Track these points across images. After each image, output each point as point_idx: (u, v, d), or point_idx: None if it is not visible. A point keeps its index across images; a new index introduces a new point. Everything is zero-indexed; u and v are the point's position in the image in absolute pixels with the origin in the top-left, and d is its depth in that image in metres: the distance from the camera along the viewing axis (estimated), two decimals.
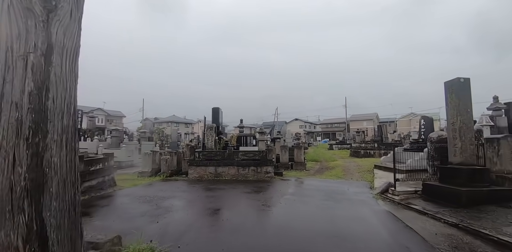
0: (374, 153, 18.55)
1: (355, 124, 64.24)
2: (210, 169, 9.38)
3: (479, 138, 7.23)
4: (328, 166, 13.88)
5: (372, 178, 9.00)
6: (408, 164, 9.52)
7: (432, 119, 10.50)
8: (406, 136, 30.03)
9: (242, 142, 11.12)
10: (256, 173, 9.15)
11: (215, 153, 9.41)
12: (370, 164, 14.08)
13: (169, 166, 9.99)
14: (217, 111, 11.10)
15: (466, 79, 5.72)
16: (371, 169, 11.50)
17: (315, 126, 78.91)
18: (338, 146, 31.22)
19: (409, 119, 67.81)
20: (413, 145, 10.75)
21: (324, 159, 17.93)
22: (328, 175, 10.35)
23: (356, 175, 10.34)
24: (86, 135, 15.40)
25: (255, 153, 9.20)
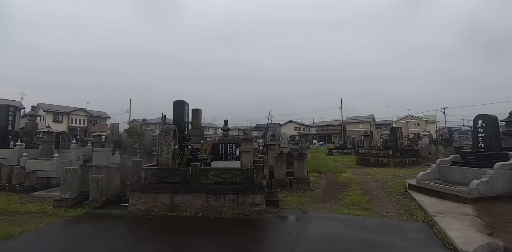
0: (388, 162, 15.25)
1: (351, 127, 61.46)
2: (162, 198, 5.82)
3: None
4: (338, 182, 10.43)
5: (423, 213, 5.58)
6: (475, 188, 6.14)
7: (496, 119, 7.17)
8: (413, 140, 27.00)
9: (221, 152, 7.59)
10: (236, 205, 5.63)
11: (171, 172, 5.86)
12: (391, 178, 10.73)
13: (101, 190, 6.39)
14: (181, 106, 7.52)
15: None
16: (403, 189, 8.11)
17: (310, 128, 75.89)
18: (338, 151, 27.96)
19: (407, 121, 65.52)
20: (467, 157, 7.39)
21: (328, 169, 14.52)
22: (347, 202, 6.88)
23: (388, 202, 6.90)
24: (19, 139, 11.63)
25: (236, 173, 5.68)
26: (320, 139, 64.65)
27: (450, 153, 14.49)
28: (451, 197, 6.34)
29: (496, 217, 5.02)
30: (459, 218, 5.06)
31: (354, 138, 33.76)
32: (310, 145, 46.46)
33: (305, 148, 28.44)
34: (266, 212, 5.71)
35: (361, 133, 31.08)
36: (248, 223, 5.14)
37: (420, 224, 4.99)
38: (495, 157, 6.75)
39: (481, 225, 4.64)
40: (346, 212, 5.84)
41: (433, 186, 7.19)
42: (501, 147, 7.36)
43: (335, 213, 5.79)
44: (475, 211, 5.45)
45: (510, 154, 6.88)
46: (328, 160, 20.31)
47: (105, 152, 11.71)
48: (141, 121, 69.67)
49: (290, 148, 20.42)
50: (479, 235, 4.12)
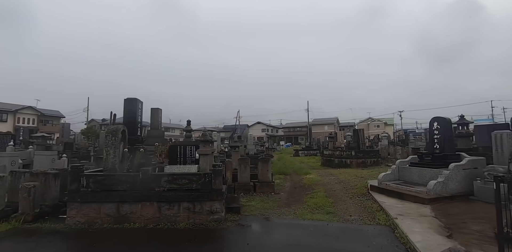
0: (351, 162, 15.60)
1: (317, 129, 63.22)
2: (107, 208, 5.11)
3: None
4: (303, 184, 10.30)
5: (385, 215, 5.53)
6: (432, 188, 6.27)
7: (450, 122, 7.48)
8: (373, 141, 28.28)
9: (179, 155, 6.99)
10: (192, 214, 5.10)
11: (118, 178, 5.17)
12: (354, 179, 10.86)
13: (34, 201, 5.47)
14: (133, 104, 6.80)
15: None
16: (365, 190, 8.15)
17: (278, 129, 76.74)
18: (304, 152, 28.28)
19: (368, 124, 69.04)
20: (424, 158, 7.62)
21: (293, 170, 14.44)
22: (311, 205, 6.68)
23: (351, 204, 6.83)
24: None
25: (192, 178, 5.15)
26: (288, 140, 65.61)
27: (407, 154, 15.23)
28: (410, 197, 6.42)
29: (452, 218, 5.09)
30: (419, 219, 5.05)
31: (320, 139, 34.59)
32: (277, 146, 46.81)
33: (271, 149, 28.44)
34: (226, 220, 5.26)
35: (326, 135, 31.92)
36: (204, 234, 4.65)
37: (382, 227, 4.89)
38: (449, 158, 7.01)
39: (440, 226, 4.64)
40: (310, 217, 5.60)
41: (393, 187, 7.28)
42: (454, 148, 7.71)
43: (298, 219, 5.52)
44: (433, 212, 5.51)
45: (462, 155, 7.19)
46: (294, 161, 20.39)
47: (49, 156, 10.39)
48: (101, 121, 65.10)
49: (257, 150, 20.18)
50: (439, 238, 4.08)
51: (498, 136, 6.38)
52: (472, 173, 6.53)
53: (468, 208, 5.62)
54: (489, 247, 3.66)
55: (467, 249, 3.54)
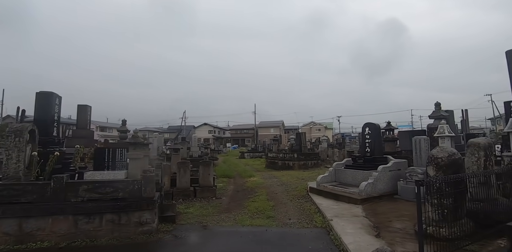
0: (293, 165, 16.12)
1: (263, 131, 64.60)
2: (6, 225, 4.17)
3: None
4: (246, 187, 10.19)
5: (322, 217, 5.67)
6: (364, 189, 6.68)
7: (379, 127, 8.15)
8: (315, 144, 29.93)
9: (107, 159, 6.18)
10: (117, 227, 4.48)
11: (22, 188, 4.26)
12: (295, 181, 11.16)
13: None
14: (48, 100, 5.77)
15: None
16: (305, 192, 8.38)
17: (225, 131, 76.22)
18: (250, 154, 28.45)
19: (310, 127, 73.22)
20: (357, 161, 8.14)
21: (238, 173, 14.28)
22: (252, 210, 6.54)
23: (291, 207, 6.90)
24: None
25: (118, 186, 4.53)
26: (234, 142, 65.59)
27: (343, 156, 16.36)
28: (345, 198, 6.76)
29: (380, 217, 5.45)
30: (352, 220, 5.28)
31: (266, 141, 35.27)
32: (224, 148, 46.35)
33: (217, 152, 27.91)
34: (158, 232, 4.76)
35: (272, 137, 32.66)
36: (130, 249, 4.11)
37: (318, 230, 4.97)
38: (378, 161, 7.61)
39: (369, 226, 4.90)
40: (249, 222, 5.43)
41: (330, 188, 7.60)
42: (382, 151, 8.42)
43: (237, 225, 5.31)
44: (364, 212, 5.85)
45: (389, 158, 7.88)
46: (239, 164, 20.29)
47: None
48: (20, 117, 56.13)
49: (201, 152, 19.54)
50: (369, 238, 4.27)
51: (417, 141, 7.15)
52: (397, 174, 7.18)
53: (393, 207, 6.12)
54: (410, 244, 3.94)
55: (392, 248, 3.76)
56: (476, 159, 4.28)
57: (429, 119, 10.11)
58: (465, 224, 3.91)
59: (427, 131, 9.31)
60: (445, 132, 7.22)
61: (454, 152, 3.85)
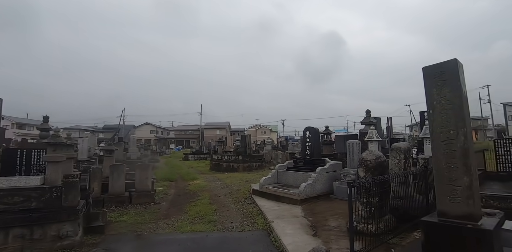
0: (238, 167, 16.13)
1: (209, 132, 63.64)
2: None
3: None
4: (189, 190, 9.80)
5: (263, 219, 5.73)
6: (303, 190, 6.98)
7: (318, 131, 8.67)
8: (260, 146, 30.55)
9: (19, 162, 5.25)
10: (29, 243, 3.80)
11: None
12: (239, 183, 11.15)
13: None
14: None
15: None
16: (248, 194, 8.41)
17: (169, 131, 72.79)
18: (194, 156, 27.62)
19: (256, 129, 74.66)
20: (298, 163, 8.50)
21: (180, 176, 13.69)
22: (193, 215, 6.28)
23: (234, 210, 6.83)
24: None
25: (31, 194, 3.86)
26: (179, 143, 63.09)
27: (286, 158, 17.01)
28: (286, 199, 6.97)
29: (317, 216, 5.74)
30: (292, 220, 5.45)
31: (211, 143, 34.70)
32: (167, 149, 44.16)
33: (159, 153, 26.41)
34: (82, 245, 4.20)
35: (217, 139, 32.28)
36: None
37: (260, 232, 4.99)
38: (317, 162, 8.06)
39: (308, 226, 5.12)
40: (189, 228, 5.18)
41: (272, 190, 7.77)
42: (321, 154, 8.96)
43: (176, 232, 5.02)
44: (303, 212, 6.10)
45: (326, 160, 8.42)
46: (183, 166, 19.51)
47: None
48: None
49: (140, 153, 18.23)
50: (307, 238, 4.44)
51: (351, 144, 7.79)
52: (333, 175, 7.69)
53: (329, 206, 6.52)
54: (343, 241, 4.21)
55: (327, 247, 3.97)
56: (398, 161, 4.83)
57: (361, 125, 11.17)
58: (388, 220, 4.34)
59: (359, 135, 10.25)
60: (373, 136, 8.03)
61: (381, 155, 4.27)
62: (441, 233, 2.86)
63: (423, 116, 8.95)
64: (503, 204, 4.84)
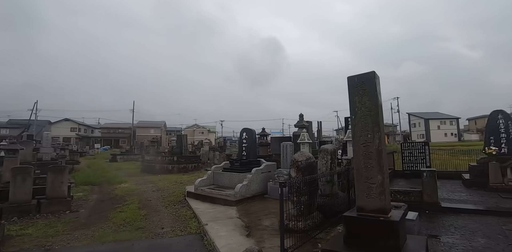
0: (173, 168, 15.40)
1: (142, 132, 59.43)
2: None
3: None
4: (115, 195, 8.92)
5: (197, 222, 5.56)
6: (239, 191, 7.02)
7: (255, 133, 8.86)
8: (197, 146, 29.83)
9: None
10: None
11: None
12: (174, 185, 10.66)
13: None
14: None
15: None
16: (182, 197, 8.08)
17: (94, 129, 65.38)
18: (123, 157, 25.37)
19: (193, 130, 72.75)
20: (234, 164, 8.54)
21: (105, 179, 12.39)
22: (118, 222, 5.71)
23: (165, 214, 6.46)
24: None
25: None
26: (106, 142, 57.08)
27: (223, 159, 16.94)
28: (221, 201, 6.91)
29: (251, 216, 5.83)
30: (226, 222, 5.41)
31: (144, 143, 32.38)
32: (91, 149, 39.52)
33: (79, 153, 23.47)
34: None
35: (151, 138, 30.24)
36: None
37: (193, 237, 4.82)
38: (253, 163, 8.23)
39: (242, 226, 5.15)
40: (112, 238, 4.69)
41: (207, 191, 7.62)
42: (257, 155, 9.18)
43: (95, 244, 4.48)
44: (238, 213, 6.12)
45: (261, 161, 8.65)
46: (109, 168, 17.70)
47: None
48: None
49: (56, 154, 15.89)
50: (241, 239, 4.46)
51: (284, 146, 8.18)
52: (268, 175, 7.94)
53: (263, 206, 6.69)
54: (275, 239, 4.35)
55: (260, 246, 4.05)
56: (325, 162, 5.25)
57: (295, 127, 11.86)
58: (316, 217, 4.67)
59: (293, 137, 10.86)
60: (305, 139, 8.60)
61: (311, 156, 4.58)
62: (359, 225, 3.19)
63: (347, 122, 9.97)
64: (407, 198, 5.71)
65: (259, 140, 12.85)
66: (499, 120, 7.62)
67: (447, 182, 8.36)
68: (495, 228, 4.37)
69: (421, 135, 58.02)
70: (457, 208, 5.45)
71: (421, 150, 9.12)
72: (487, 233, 4.18)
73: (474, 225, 4.55)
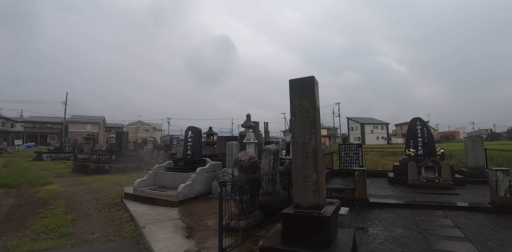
0: (110, 168, 14.22)
1: (77, 127, 53.70)
2: None
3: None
4: (37, 199, 7.87)
5: (134, 226, 5.22)
6: (181, 191, 6.81)
7: (201, 131, 8.69)
8: (140, 145, 28.06)
9: None
10: None
11: None
12: (110, 187, 9.87)
13: None
14: None
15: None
16: (119, 199, 7.52)
17: (15, 123, 56.49)
18: (51, 155, 22.54)
19: (137, 127, 68.25)
20: (178, 163, 8.25)
21: (26, 181, 10.87)
22: (38, 229, 5.03)
23: (98, 218, 5.93)
24: None
25: None
26: (31, 139, 49.93)
27: (168, 158, 16.23)
28: (162, 202, 6.61)
29: (194, 217, 5.70)
30: (166, 224, 5.19)
31: (77, 140, 29.22)
32: (10, 146, 34.16)
33: None
34: None
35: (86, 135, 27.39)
36: None
37: (127, 241, 4.51)
38: (198, 163, 8.05)
39: (183, 228, 5.00)
40: (29, 248, 4.13)
41: (148, 192, 7.21)
42: (202, 154, 9.01)
43: None
44: (179, 214, 5.93)
45: (207, 160, 8.52)
46: (32, 168, 15.57)
47: None
48: None
49: None
50: (180, 241, 4.31)
51: (230, 145, 8.20)
52: (213, 175, 7.85)
53: (207, 206, 6.60)
54: (216, 240, 4.29)
55: (200, 247, 3.98)
56: (268, 161, 5.41)
57: (242, 127, 11.96)
58: (258, 215, 4.77)
59: (239, 137, 10.93)
60: (251, 139, 8.73)
61: (254, 155, 4.66)
62: (296, 222, 3.35)
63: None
64: (341, 194, 6.19)
65: (206, 139, 12.64)
66: (417, 126, 8.79)
67: (376, 180, 9.33)
68: (411, 219, 5.01)
69: (357, 137, 63.83)
70: (382, 202, 6.10)
71: (355, 151, 10.00)
72: (404, 223, 4.77)
73: (394, 217, 5.15)
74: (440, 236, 4.05)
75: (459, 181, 7.91)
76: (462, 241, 3.85)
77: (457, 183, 7.76)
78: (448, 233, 4.21)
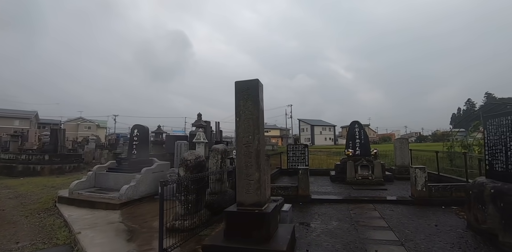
0: (42, 169, 12.77)
1: (3, 123, 46.83)
2: None
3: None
4: None
5: (68, 232, 4.81)
6: (124, 193, 6.48)
7: (148, 130, 8.36)
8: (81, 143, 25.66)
9: None
10: None
11: None
12: (41, 190, 8.94)
13: None
14: None
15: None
16: (52, 204, 6.84)
17: None
18: None
19: (77, 124, 62.17)
20: (122, 163, 7.81)
21: None
22: None
23: (25, 226, 5.32)
24: None
25: None
26: None
27: (112, 158, 15.16)
28: (102, 205, 6.20)
29: (137, 219, 5.47)
30: (105, 228, 4.90)
31: (2, 137, 25.45)
32: None
33: None
34: None
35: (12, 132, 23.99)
36: None
37: (59, 249, 4.16)
38: (144, 163, 7.72)
39: (124, 231, 4.77)
40: None
41: (86, 195, 6.70)
42: (149, 153, 8.66)
43: None
44: (121, 217, 5.63)
45: (154, 160, 8.22)
46: None
47: None
48: None
49: None
50: (120, 245, 4.12)
51: (179, 145, 8.04)
52: (160, 175, 7.60)
53: (152, 207, 6.37)
54: None
55: (141, 249, 3.86)
56: (216, 161, 5.46)
57: (193, 127, 11.79)
58: (203, 214, 4.79)
59: (189, 136, 10.75)
60: (201, 138, 8.67)
61: (200, 155, 4.68)
62: (238, 219, 3.48)
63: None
64: (286, 192, 6.53)
65: (154, 138, 12.15)
66: (355, 129, 9.67)
67: (320, 178, 9.99)
68: (345, 213, 5.51)
69: (307, 138, 67.17)
70: (322, 199, 6.60)
71: (302, 151, 10.59)
72: (339, 217, 5.23)
73: (332, 212, 5.62)
74: (368, 227, 4.56)
75: (388, 177, 8.91)
76: (385, 230, 4.39)
77: (387, 179, 8.73)
78: (374, 223, 4.76)
